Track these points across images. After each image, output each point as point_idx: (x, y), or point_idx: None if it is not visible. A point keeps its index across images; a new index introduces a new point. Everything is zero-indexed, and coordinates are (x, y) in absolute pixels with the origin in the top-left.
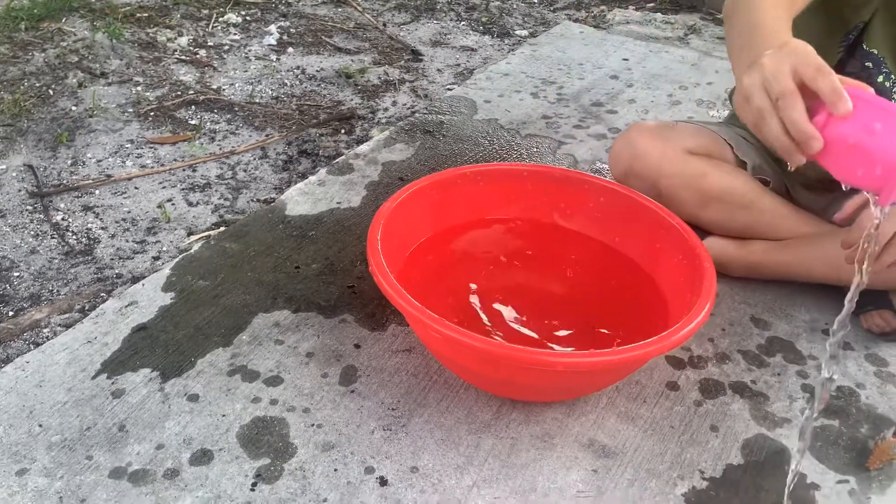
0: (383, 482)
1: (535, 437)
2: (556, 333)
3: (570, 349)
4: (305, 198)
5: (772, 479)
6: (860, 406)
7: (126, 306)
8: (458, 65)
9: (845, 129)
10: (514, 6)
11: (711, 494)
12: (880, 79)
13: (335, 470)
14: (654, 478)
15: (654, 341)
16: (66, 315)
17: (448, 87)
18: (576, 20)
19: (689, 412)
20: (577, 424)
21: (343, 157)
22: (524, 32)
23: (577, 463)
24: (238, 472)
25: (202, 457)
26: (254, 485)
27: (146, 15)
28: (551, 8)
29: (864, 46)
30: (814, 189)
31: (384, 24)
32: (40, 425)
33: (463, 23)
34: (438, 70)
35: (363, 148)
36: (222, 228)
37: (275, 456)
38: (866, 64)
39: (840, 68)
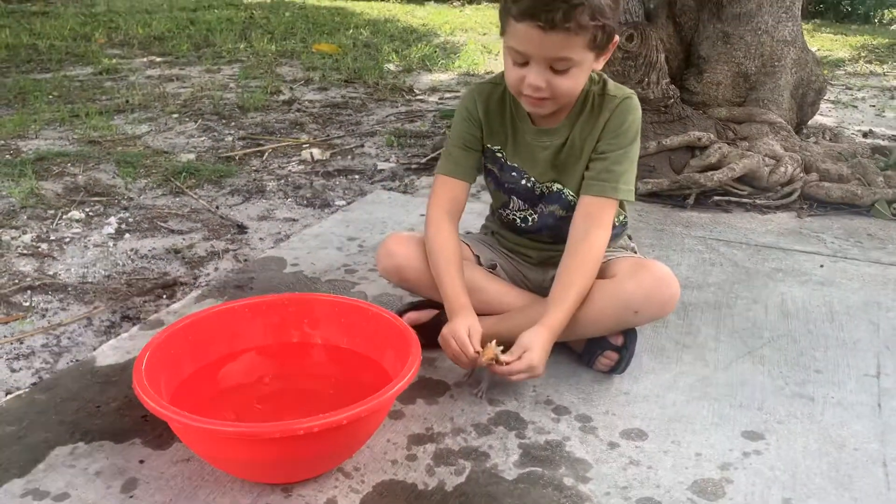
0: None
1: None
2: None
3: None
4: (115, 351)
5: None
6: (563, 454)
7: None
8: (279, 233)
9: None
10: (337, 182)
11: None
12: (523, 181)
13: None
14: None
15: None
16: None
17: (266, 251)
18: (389, 189)
19: (421, 477)
20: (324, 497)
21: (156, 314)
22: (343, 202)
23: None
24: None
25: None
26: None
27: None
28: (370, 181)
29: (508, 162)
30: (536, 266)
31: (217, 207)
32: None
33: (289, 199)
34: (261, 239)
35: (175, 306)
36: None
37: None
38: (513, 174)
39: (497, 177)
